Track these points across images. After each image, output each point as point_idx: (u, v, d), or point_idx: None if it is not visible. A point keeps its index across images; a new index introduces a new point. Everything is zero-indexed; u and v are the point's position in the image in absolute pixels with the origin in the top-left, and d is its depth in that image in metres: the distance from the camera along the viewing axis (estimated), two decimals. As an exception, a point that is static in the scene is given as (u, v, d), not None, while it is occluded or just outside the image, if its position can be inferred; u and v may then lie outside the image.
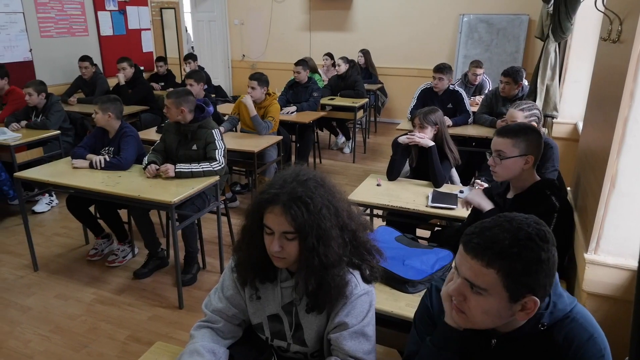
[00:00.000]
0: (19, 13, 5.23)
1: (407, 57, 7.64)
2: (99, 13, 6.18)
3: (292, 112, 5.00)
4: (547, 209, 1.84)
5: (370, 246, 1.37)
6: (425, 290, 1.34)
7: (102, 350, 2.57)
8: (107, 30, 6.32)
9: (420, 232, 3.03)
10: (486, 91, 5.32)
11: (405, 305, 1.71)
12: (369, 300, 1.34)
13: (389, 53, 7.70)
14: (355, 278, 1.33)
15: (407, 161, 3.12)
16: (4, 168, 4.06)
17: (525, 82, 4.44)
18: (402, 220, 2.82)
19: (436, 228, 2.96)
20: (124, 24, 6.59)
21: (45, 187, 3.64)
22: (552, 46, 3.62)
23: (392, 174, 2.99)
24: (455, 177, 3.17)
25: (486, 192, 2.16)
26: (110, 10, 6.33)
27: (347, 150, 6.33)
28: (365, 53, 7.09)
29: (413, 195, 2.78)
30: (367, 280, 1.34)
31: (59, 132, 4.38)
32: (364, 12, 7.75)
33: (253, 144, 3.88)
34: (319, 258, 1.25)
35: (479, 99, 5.05)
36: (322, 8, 8.03)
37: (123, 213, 3.58)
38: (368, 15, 7.73)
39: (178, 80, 6.99)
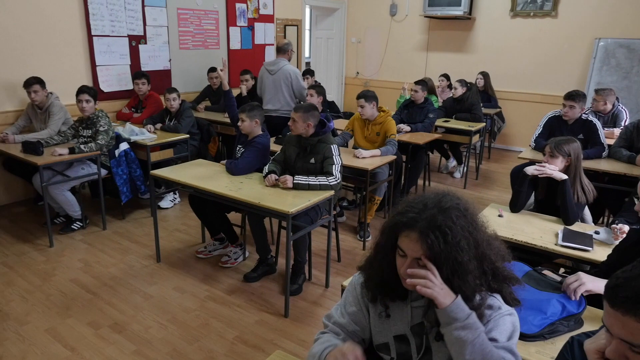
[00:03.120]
0: (164, 27, 5.80)
1: (530, 81, 7.22)
2: (231, 28, 6.65)
3: (404, 131, 4.95)
4: None
5: (507, 274, 1.32)
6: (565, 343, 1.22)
7: (212, 347, 2.70)
8: (235, 44, 6.78)
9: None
10: (622, 123, 4.83)
11: (535, 352, 1.57)
12: (512, 320, 1.26)
13: (510, 76, 7.34)
14: (497, 300, 1.28)
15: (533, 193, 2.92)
16: (139, 165, 4.48)
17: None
18: (523, 256, 2.62)
19: (562, 269, 2.71)
20: (251, 39, 7.02)
21: (174, 186, 3.94)
22: None
23: (516, 206, 2.81)
24: (587, 215, 2.89)
25: (634, 235, 1.93)
26: (240, 26, 6.79)
27: (457, 174, 6.11)
28: (485, 75, 6.83)
29: (539, 230, 2.58)
30: (509, 303, 1.29)
31: (187, 136, 4.76)
32: (486, 33, 7.48)
33: (367, 161, 3.88)
34: (453, 291, 1.21)
35: (617, 131, 4.59)
36: (442, 29, 7.90)
37: (234, 218, 3.76)
38: (491, 36, 7.44)
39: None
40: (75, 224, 4.19)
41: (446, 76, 6.85)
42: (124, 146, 4.32)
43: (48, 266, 3.56)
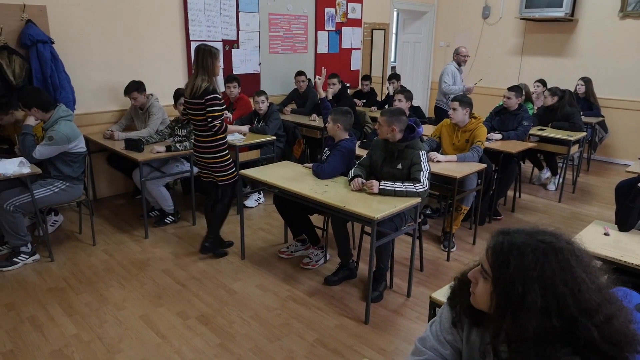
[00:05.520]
0: (256, 32, 6.00)
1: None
2: (319, 33, 6.74)
3: (494, 139, 4.71)
4: None
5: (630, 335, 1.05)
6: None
7: (292, 347, 2.72)
8: (323, 48, 6.86)
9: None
10: None
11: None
12: None
13: (616, 83, 6.74)
14: None
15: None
16: (228, 164, 4.65)
17: None
18: (634, 280, 2.36)
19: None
20: (338, 43, 7.07)
21: (260, 186, 4.05)
22: None
23: (626, 225, 2.55)
24: None
25: None
26: (328, 31, 6.86)
27: (551, 187, 5.70)
28: (586, 81, 6.33)
29: (654, 253, 2.32)
30: None
31: (274, 137, 4.87)
32: (590, 36, 6.94)
33: (455, 169, 3.73)
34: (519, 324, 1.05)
35: None
36: (539, 31, 7.45)
37: (316, 220, 3.77)
38: (595, 39, 6.89)
39: (379, 98, 7.20)
40: (168, 218, 4.43)
41: (542, 82, 6.44)
42: (215, 146, 4.49)
43: (143, 256, 3.80)
